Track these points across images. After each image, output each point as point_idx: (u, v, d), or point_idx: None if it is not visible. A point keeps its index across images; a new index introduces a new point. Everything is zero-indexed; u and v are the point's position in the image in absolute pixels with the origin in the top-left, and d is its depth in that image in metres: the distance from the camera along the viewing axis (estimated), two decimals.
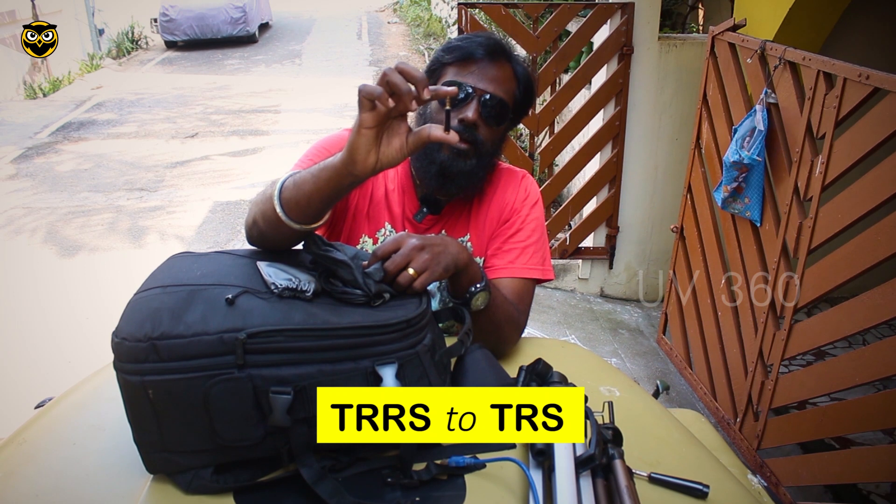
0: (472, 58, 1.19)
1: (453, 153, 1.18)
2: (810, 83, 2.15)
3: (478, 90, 1.18)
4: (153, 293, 0.83)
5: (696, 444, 1.03)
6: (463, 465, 0.83)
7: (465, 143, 1.17)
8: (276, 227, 0.96)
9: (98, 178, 5.94)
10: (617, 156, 3.55)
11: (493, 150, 1.24)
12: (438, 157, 1.19)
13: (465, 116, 1.17)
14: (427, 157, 1.21)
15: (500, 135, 1.25)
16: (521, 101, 1.26)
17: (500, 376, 0.97)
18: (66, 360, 3.16)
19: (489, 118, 1.19)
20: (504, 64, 1.21)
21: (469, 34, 1.24)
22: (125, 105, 8.62)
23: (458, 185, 1.22)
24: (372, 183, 1.30)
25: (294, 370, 0.79)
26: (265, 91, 9.10)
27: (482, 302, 1.09)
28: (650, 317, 3.72)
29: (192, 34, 12.34)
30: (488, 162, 1.24)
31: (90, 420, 0.99)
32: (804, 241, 2.20)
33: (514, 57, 1.24)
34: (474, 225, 1.31)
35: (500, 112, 1.19)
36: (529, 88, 1.26)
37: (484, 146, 1.20)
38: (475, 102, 1.17)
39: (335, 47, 12.40)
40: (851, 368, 2.02)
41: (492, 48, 1.20)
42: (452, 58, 1.21)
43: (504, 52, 1.22)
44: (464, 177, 1.21)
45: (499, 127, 1.22)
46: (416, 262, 0.95)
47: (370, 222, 1.30)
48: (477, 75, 1.18)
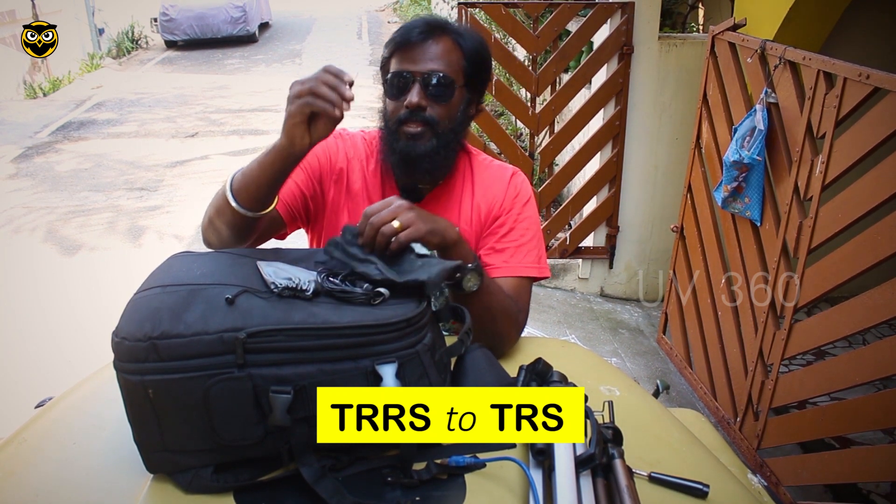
0: (408, 43, 1.19)
1: (408, 137, 1.19)
2: (810, 83, 2.15)
3: (415, 73, 1.18)
4: (153, 293, 0.83)
5: (696, 443, 1.03)
6: (463, 464, 0.83)
7: (417, 126, 1.19)
8: (230, 219, 1.12)
9: (98, 178, 5.94)
10: (617, 155, 3.55)
11: (454, 126, 1.23)
12: (397, 146, 1.21)
13: (410, 101, 1.18)
14: (389, 148, 1.23)
15: (458, 109, 1.24)
16: (473, 70, 1.24)
17: (500, 376, 0.97)
18: (66, 360, 3.16)
19: (435, 96, 1.19)
20: (441, 37, 1.21)
21: (407, 21, 1.25)
22: (125, 105, 8.62)
23: (424, 167, 1.22)
24: (347, 176, 1.30)
25: (294, 369, 0.79)
26: (265, 90, 9.10)
27: (474, 283, 1.09)
28: (650, 316, 3.72)
29: (192, 34, 12.34)
30: (452, 139, 1.24)
31: (90, 420, 0.99)
32: (804, 241, 2.20)
33: (454, 28, 1.23)
34: (464, 218, 1.31)
35: (444, 86, 1.19)
36: (480, 55, 1.25)
37: (440, 125, 1.20)
38: (416, 85, 1.18)
39: (335, 47, 12.40)
40: (851, 368, 2.02)
41: (426, 27, 1.20)
42: (391, 49, 1.22)
43: (440, 27, 1.21)
44: (427, 159, 1.21)
45: (449, 101, 1.21)
46: (403, 217, 0.97)
47: (350, 215, 1.30)
48: (414, 58, 1.19)
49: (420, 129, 1.19)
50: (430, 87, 1.18)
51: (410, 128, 1.19)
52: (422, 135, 1.19)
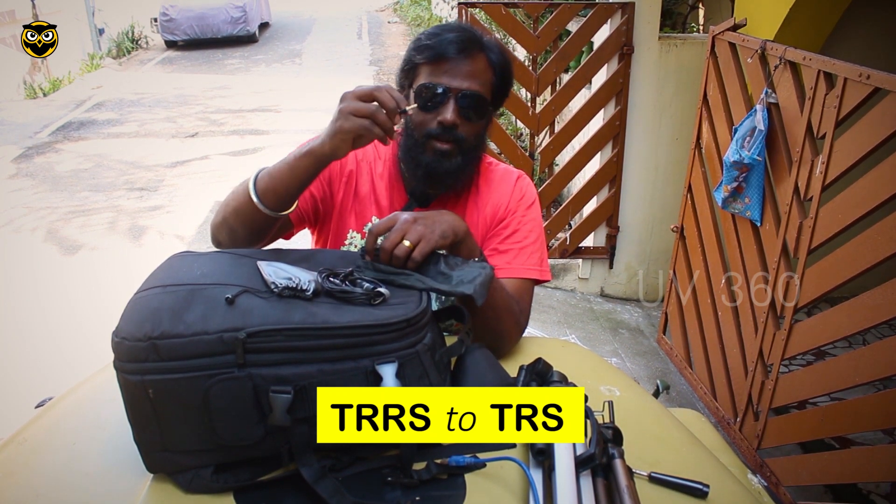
0: (444, 56, 1.17)
1: (437, 154, 1.19)
2: (811, 83, 2.15)
3: (453, 89, 1.17)
4: (153, 293, 0.83)
5: (696, 443, 1.03)
6: (463, 464, 0.83)
7: (447, 144, 1.18)
8: (249, 219, 1.11)
9: (98, 178, 5.94)
10: (617, 155, 3.55)
11: (477, 143, 1.24)
12: (423, 159, 1.20)
13: (444, 118, 1.17)
14: (413, 160, 1.22)
15: (483, 127, 1.25)
16: (499, 88, 1.25)
17: (500, 376, 0.97)
18: (67, 360, 3.16)
19: (468, 115, 1.19)
20: (478, 55, 1.20)
21: (438, 29, 1.22)
22: (125, 105, 8.62)
23: (446, 183, 1.23)
24: (356, 179, 1.30)
25: (294, 369, 0.79)
26: (265, 91, 9.10)
27: None
28: (650, 316, 3.72)
29: (193, 34, 12.34)
30: (473, 156, 1.25)
31: (90, 420, 0.99)
32: (804, 241, 2.20)
33: (487, 45, 1.22)
34: (469, 220, 1.31)
35: (478, 107, 1.19)
36: (506, 73, 1.25)
37: (466, 142, 1.20)
38: (452, 102, 1.17)
39: (335, 47, 12.39)
40: (851, 368, 2.02)
41: (463, 43, 1.18)
42: (424, 58, 1.19)
43: (476, 44, 1.20)
44: (451, 175, 1.21)
45: (480, 121, 1.22)
46: (411, 233, 0.97)
47: (357, 217, 1.31)
48: (451, 74, 1.17)
49: (449, 147, 1.19)
50: (464, 106, 1.17)
51: (440, 145, 1.18)
52: (450, 153, 1.19)
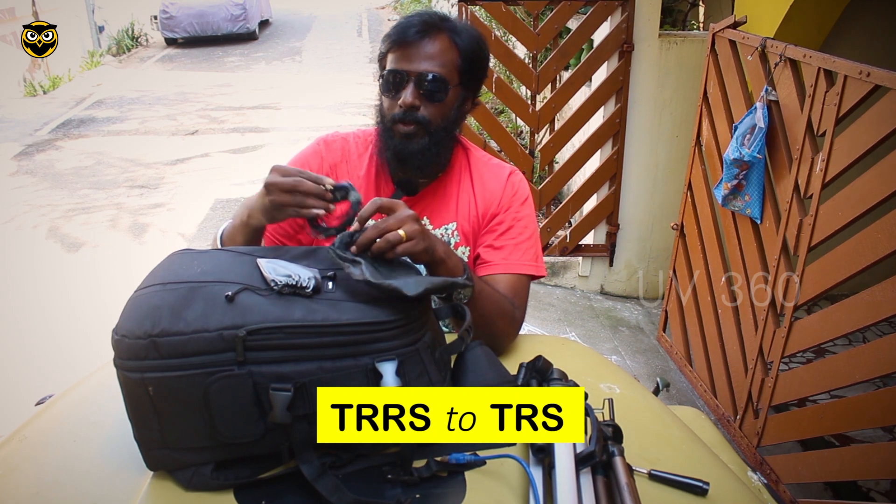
0: (405, 41, 1.20)
1: (402, 136, 1.22)
2: (811, 80, 2.14)
3: (410, 72, 1.19)
4: (153, 290, 0.83)
5: (696, 441, 1.03)
6: (463, 461, 0.83)
7: (409, 126, 1.21)
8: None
9: (99, 175, 5.94)
10: (617, 153, 3.54)
11: (446, 124, 1.25)
12: (391, 143, 1.24)
13: (404, 101, 1.20)
14: (384, 145, 1.26)
15: (452, 108, 1.25)
16: (469, 68, 1.25)
17: (500, 373, 0.97)
18: (67, 358, 3.16)
19: (428, 96, 1.21)
20: (438, 36, 1.21)
21: (405, 17, 1.25)
22: (125, 102, 8.62)
23: (417, 164, 1.25)
24: (335, 174, 1.32)
25: (294, 367, 0.79)
26: (265, 88, 9.10)
27: (464, 296, 1.10)
28: (650, 314, 3.72)
29: (193, 31, 12.35)
30: (444, 137, 1.26)
31: (90, 417, 0.99)
32: (804, 239, 2.20)
33: (451, 26, 1.23)
34: (461, 214, 1.32)
35: (438, 88, 1.20)
36: (476, 53, 1.25)
37: (432, 124, 1.22)
38: (411, 85, 1.20)
39: (335, 44, 12.39)
40: (851, 366, 2.02)
41: (424, 25, 1.21)
42: (388, 45, 1.23)
43: (438, 26, 1.22)
44: (418, 156, 1.23)
45: (443, 101, 1.22)
46: (408, 228, 0.98)
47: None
48: (409, 58, 1.20)
49: (412, 128, 1.21)
50: (423, 88, 1.20)
51: (404, 127, 1.22)
52: (414, 134, 1.22)
